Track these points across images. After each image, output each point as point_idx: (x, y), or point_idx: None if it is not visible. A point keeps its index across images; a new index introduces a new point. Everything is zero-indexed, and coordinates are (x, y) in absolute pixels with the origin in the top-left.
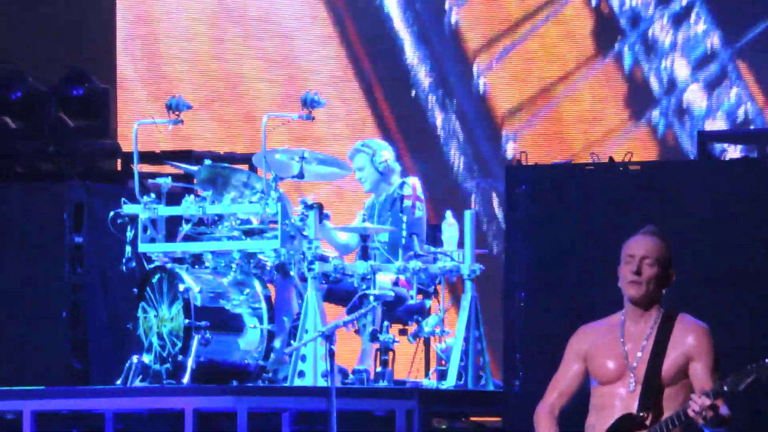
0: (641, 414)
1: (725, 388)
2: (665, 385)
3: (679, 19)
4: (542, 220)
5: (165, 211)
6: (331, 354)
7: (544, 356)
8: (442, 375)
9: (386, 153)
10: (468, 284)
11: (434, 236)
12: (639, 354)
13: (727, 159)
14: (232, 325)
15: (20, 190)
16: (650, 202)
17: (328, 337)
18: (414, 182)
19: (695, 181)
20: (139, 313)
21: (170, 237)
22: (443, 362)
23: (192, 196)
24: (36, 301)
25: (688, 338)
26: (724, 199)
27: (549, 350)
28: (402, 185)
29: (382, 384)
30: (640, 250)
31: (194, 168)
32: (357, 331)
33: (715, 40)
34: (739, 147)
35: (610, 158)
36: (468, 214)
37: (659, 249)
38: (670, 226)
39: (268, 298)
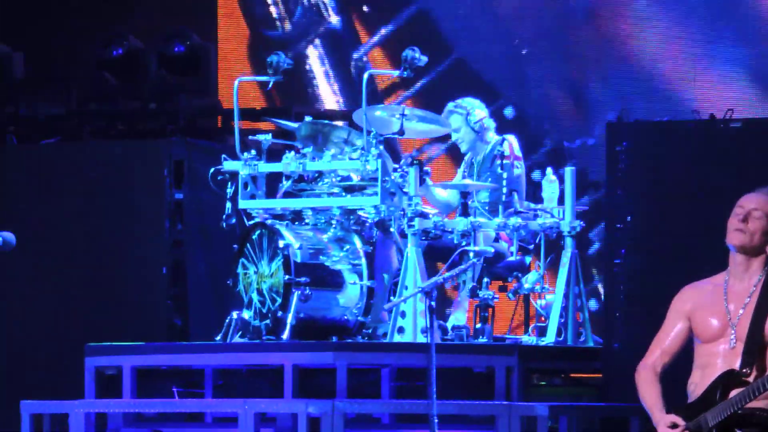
0: (744, 370)
1: None
2: (767, 342)
3: None
4: (642, 177)
5: (265, 167)
6: (431, 310)
7: (644, 314)
8: (541, 331)
9: (480, 111)
10: (568, 240)
11: (534, 193)
12: (741, 311)
13: None
14: (332, 281)
15: (121, 148)
16: (751, 160)
17: (428, 293)
18: (511, 140)
19: None
20: (239, 270)
21: (270, 193)
22: (543, 319)
23: (292, 153)
24: (137, 258)
25: None
26: None
27: (649, 307)
28: (501, 142)
29: (482, 340)
30: (750, 204)
31: (294, 125)
32: (456, 287)
33: None
34: None
35: (711, 115)
36: (568, 171)
37: None
38: None
39: (368, 255)
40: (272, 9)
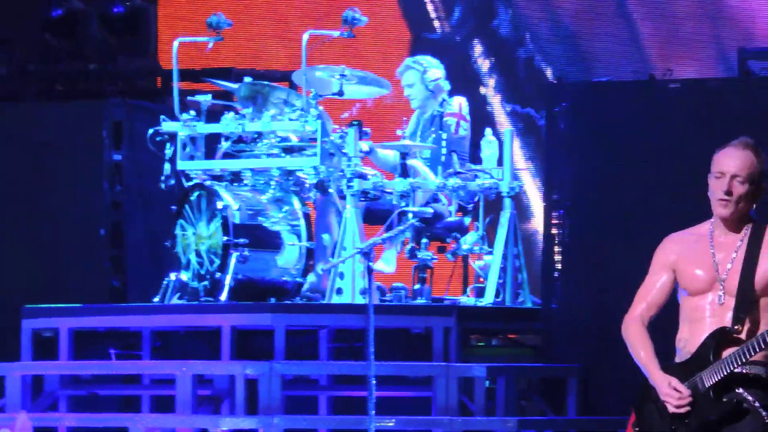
0: (735, 327)
1: None
2: (759, 296)
3: None
4: (582, 138)
5: (204, 128)
6: (370, 271)
7: (582, 274)
8: (479, 292)
9: (437, 71)
10: (507, 201)
11: (476, 155)
12: (729, 265)
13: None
14: (271, 242)
15: (60, 109)
16: (689, 120)
17: (367, 255)
18: (460, 100)
19: (734, 98)
20: (178, 231)
21: (209, 154)
22: (481, 280)
23: (231, 114)
24: (75, 219)
25: None
26: (764, 117)
27: (587, 268)
28: (443, 103)
29: (420, 301)
30: (730, 168)
31: (234, 86)
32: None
33: None
34: None
35: (651, 75)
36: (507, 132)
37: (751, 164)
38: (708, 144)
39: (306, 216)
40: None
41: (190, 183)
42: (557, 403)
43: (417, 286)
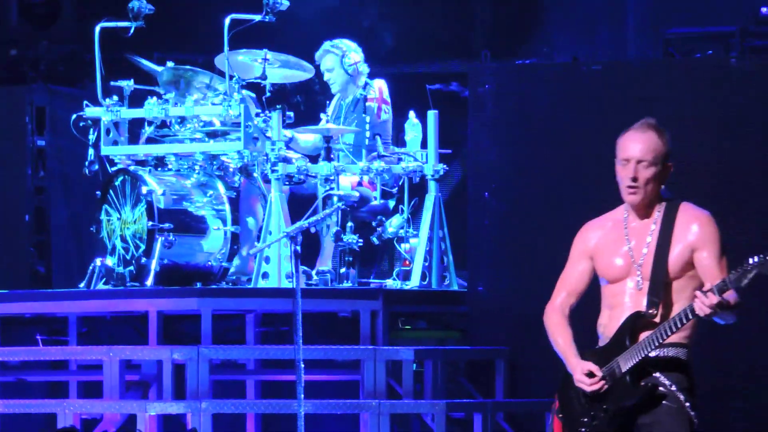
0: (650, 311)
1: (728, 284)
2: (672, 279)
3: None
4: (506, 120)
5: (127, 113)
6: (296, 255)
7: (508, 256)
8: (406, 275)
9: (356, 55)
10: (431, 184)
11: (399, 138)
12: (644, 250)
13: (691, 57)
14: (196, 227)
15: None
16: (613, 102)
17: (293, 238)
18: (380, 84)
19: (659, 78)
20: (102, 216)
21: (133, 139)
22: (407, 263)
23: (155, 99)
24: None
25: (692, 228)
26: (688, 98)
27: (513, 250)
28: (365, 86)
29: (346, 285)
30: (634, 153)
31: (157, 67)
32: (318, 232)
33: None
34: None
35: (573, 57)
36: (431, 115)
37: (655, 147)
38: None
39: (231, 200)
40: None
41: (114, 168)
42: (484, 386)
43: (343, 270)
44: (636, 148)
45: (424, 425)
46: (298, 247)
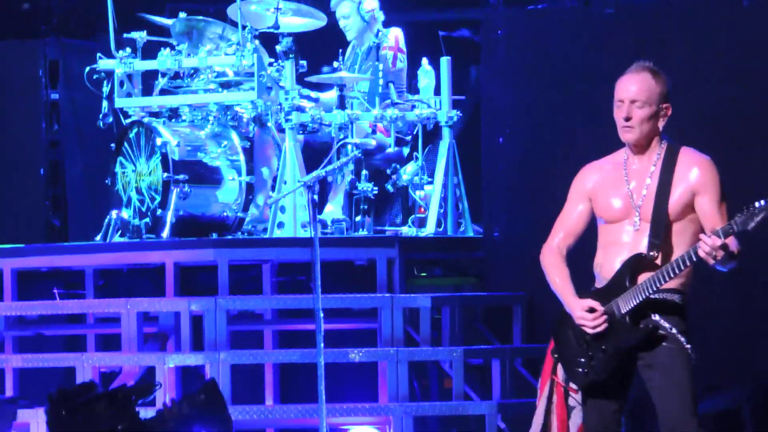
0: (651, 253)
1: (735, 227)
2: (672, 221)
3: None
4: (519, 64)
5: (141, 65)
6: (314, 204)
7: (523, 202)
8: (421, 222)
9: (372, 1)
10: (445, 131)
11: (413, 86)
12: (644, 192)
13: None
14: (211, 177)
15: None
16: (625, 44)
17: (310, 188)
18: (396, 33)
19: (672, 21)
20: (117, 169)
21: (147, 91)
22: (422, 210)
23: (167, 50)
24: (13, 159)
25: (692, 172)
26: (700, 40)
27: (528, 195)
28: (378, 34)
29: (362, 233)
30: (628, 94)
31: (169, 21)
32: (332, 181)
33: None
34: None
35: (585, 0)
36: (444, 61)
37: (649, 87)
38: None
39: (246, 150)
40: None
41: (128, 120)
42: (502, 332)
43: (358, 218)
44: (629, 88)
45: (442, 372)
46: (315, 197)
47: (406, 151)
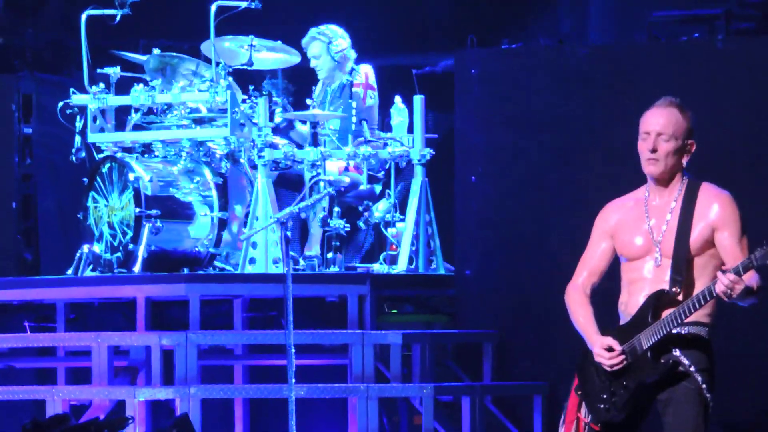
0: (673, 289)
1: (754, 262)
2: (693, 256)
3: None
4: (492, 104)
5: (114, 100)
6: (287, 240)
7: (495, 240)
8: (393, 260)
9: (342, 41)
10: (418, 169)
11: (386, 123)
12: (664, 227)
13: (676, 40)
14: (183, 213)
15: None
16: (600, 85)
17: (283, 224)
18: (366, 70)
19: (645, 62)
20: (90, 203)
21: (120, 126)
22: (394, 247)
23: (141, 86)
24: None
25: (712, 208)
26: (674, 81)
27: (500, 234)
28: (352, 72)
29: (334, 269)
30: (655, 126)
31: (143, 57)
32: (305, 218)
33: None
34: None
35: (560, 40)
36: (417, 99)
37: (675, 122)
38: (618, 109)
39: (218, 186)
40: None
41: (101, 155)
42: (472, 369)
43: (330, 255)
44: (656, 121)
45: (412, 408)
46: (289, 233)
47: (378, 188)
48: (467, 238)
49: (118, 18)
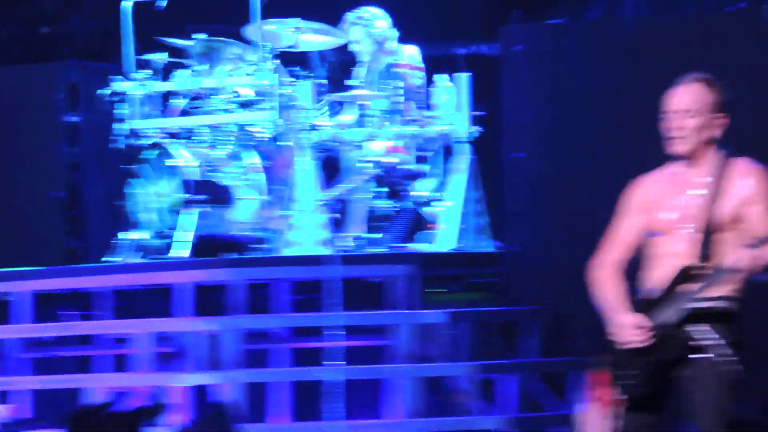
0: (701, 264)
1: None
2: (724, 231)
3: None
4: (540, 80)
5: (160, 86)
6: (333, 222)
7: (544, 217)
8: (433, 238)
9: (382, 22)
10: (465, 147)
11: (432, 102)
12: (697, 202)
13: (722, 11)
14: (230, 198)
15: (16, 72)
16: (647, 58)
17: (329, 206)
18: (411, 50)
19: (693, 35)
20: (137, 190)
21: (166, 112)
22: (433, 226)
23: (188, 71)
24: (33, 182)
25: (746, 182)
26: (720, 53)
27: (549, 211)
28: (396, 52)
29: (379, 249)
30: (680, 104)
31: (188, 42)
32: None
33: None
34: None
35: (605, 14)
36: (462, 77)
37: (698, 98)
38: (667, 81)
39: (264, 170)
40: None
41: (148, 142)
42: (520, 346)
43: (376, 235)
44: (679, 99)
45: (458, 387)
46: (336, 214)
47: (425, 168)
48: (516, 214)
49: (164, 3)
